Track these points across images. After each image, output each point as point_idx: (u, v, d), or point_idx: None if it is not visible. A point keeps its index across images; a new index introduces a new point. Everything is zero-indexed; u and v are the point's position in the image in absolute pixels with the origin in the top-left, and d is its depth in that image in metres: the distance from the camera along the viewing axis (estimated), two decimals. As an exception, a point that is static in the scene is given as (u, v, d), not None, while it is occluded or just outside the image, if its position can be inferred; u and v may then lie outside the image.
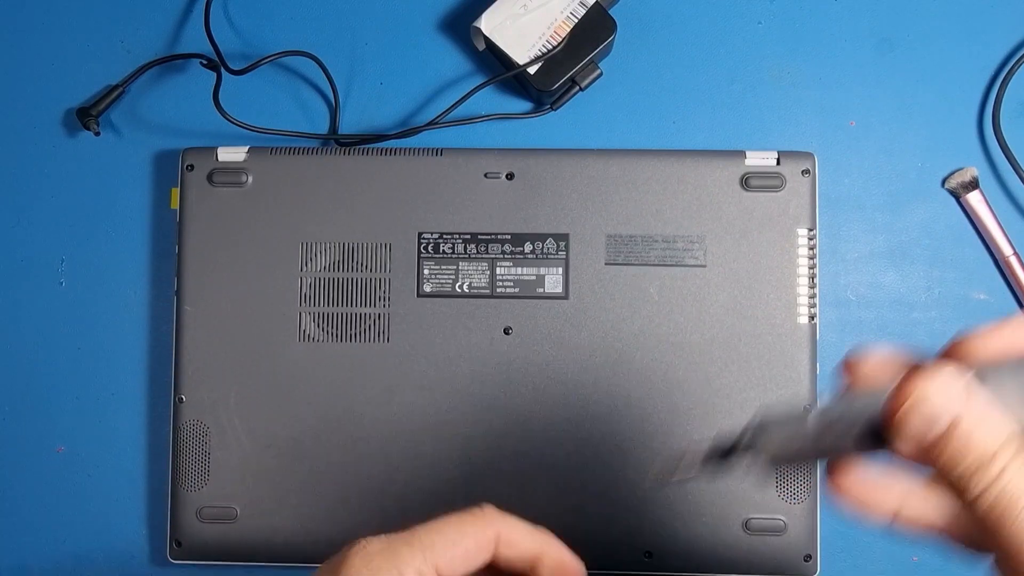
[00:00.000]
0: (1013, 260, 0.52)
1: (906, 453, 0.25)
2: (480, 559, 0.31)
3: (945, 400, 0.24)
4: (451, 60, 0.55)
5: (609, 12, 0.52)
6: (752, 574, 0.50)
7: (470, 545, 0.31)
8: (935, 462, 0.25)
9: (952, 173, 0.53)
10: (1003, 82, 0.53)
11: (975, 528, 0.26)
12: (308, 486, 0.50)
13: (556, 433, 0.50)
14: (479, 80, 0.54)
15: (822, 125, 0.54)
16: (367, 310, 0.51)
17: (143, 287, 0.54)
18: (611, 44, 0.53)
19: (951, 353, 0.27)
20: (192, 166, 0.51)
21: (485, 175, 0.51)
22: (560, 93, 0.53)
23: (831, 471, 0.29)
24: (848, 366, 0.29)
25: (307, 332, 0.51)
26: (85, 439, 0.54)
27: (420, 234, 0.51)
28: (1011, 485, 0.24)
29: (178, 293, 0.51)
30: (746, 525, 0.49)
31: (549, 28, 0.52)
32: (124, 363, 0.54)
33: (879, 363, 0.28)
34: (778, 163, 0.51)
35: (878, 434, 0.26)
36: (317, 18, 0.55)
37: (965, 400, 0.24)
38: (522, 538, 0.32)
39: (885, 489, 0.28)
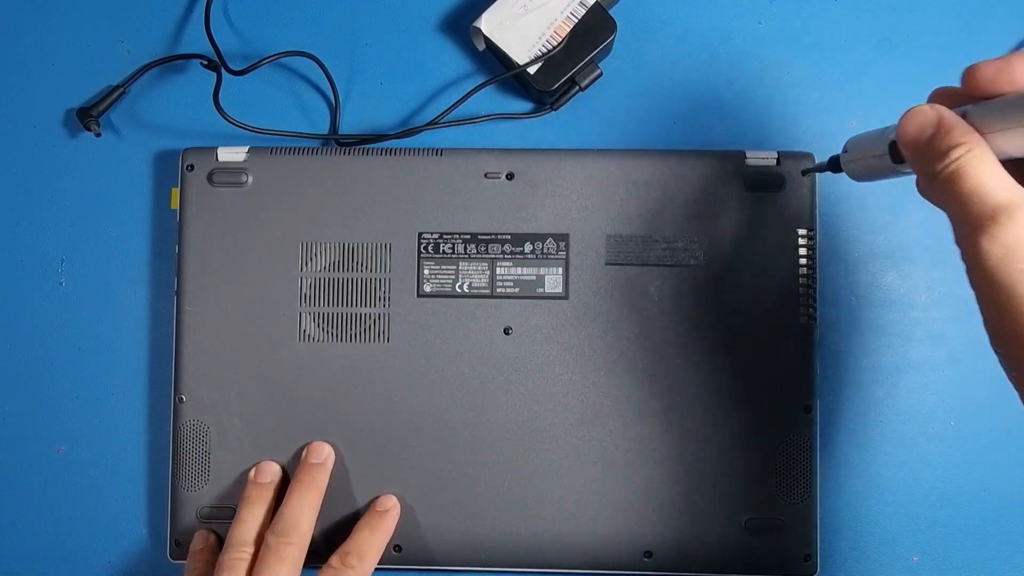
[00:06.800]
0: (1013, 260, 0.52)
1: (906, 156, 0.36)
2: None
3: (932, 113, 0.35)
4: (451, 60, 0.55)
5: (609, 12, 0.52)
6: (752, 574, 0.50)
7: None
8: (923, 158, 0.35)
9: (952, 173, 0.53)
10: (1003, 82, 0.53)
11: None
12: (308, 486, 0.50)
13: (556, 433, 0.50)
14: (479, 80, 0.54)
15: (822, 125, 0.54)
16: (367, 310, 0.51)
17: (143, 287, 0.54)
18: (611, 44, 0.53)
19: (962, 79, 0.36)
20: (192, 166, 0.51)
21: (485, 175, 0.51)
22: (560, 93, 0.53)
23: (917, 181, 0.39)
24: (930, 97, 0.38)
25: (307, 332, 0.51)
26: (85, 439, 0.54)
27: (420, 234, 0.51)
28: (969, 162, 0.33)
29: (178, 293, 0.51)
30: (746, 525, 0.49)
31: (549, 28, 0.52)
32: (124, 363, 0.54)
33: (947, 94, 0.37)
34: (778, 163, 0.51)
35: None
36: (317, 18, 0.55)
37: (947, 114, 0.35)
38: None
39: None
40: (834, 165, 0.44)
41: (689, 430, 0.50)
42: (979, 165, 0.33)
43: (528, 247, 0.51)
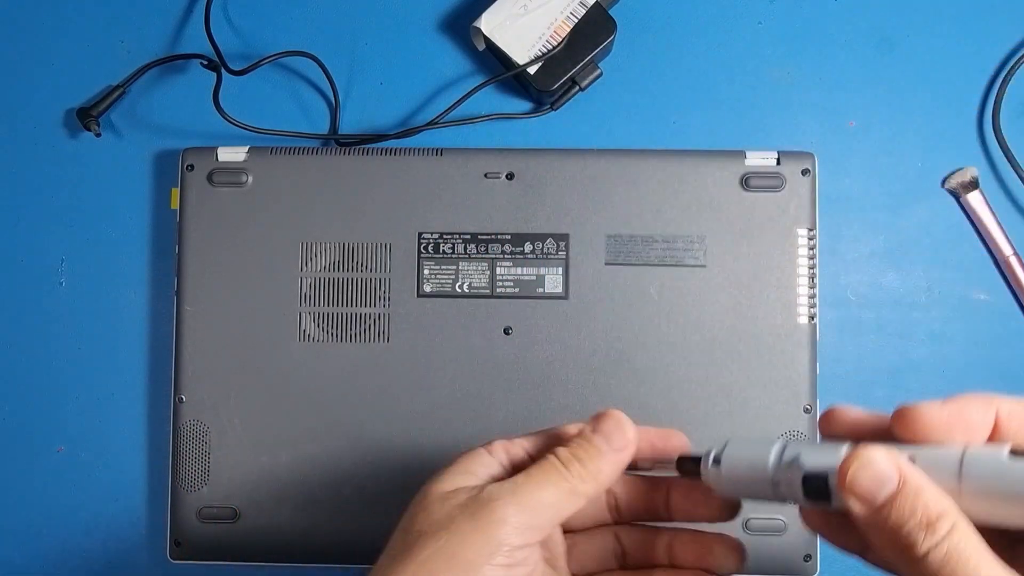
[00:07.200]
0: (1013, 260, 0.52)
1: (856, 510, 0.28)
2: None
3: (892, 465, 0.27)
4: (451, 60, 0.55)
5: (609, 12, 0.52)
6: (752, 574, 0.49)
7: (526, 442, 0.36)
8: (884, 520, 0.27)
9: (952, 173, 0.53)
10: (1003, 82, 0.53)
11: None
12: (308, 486, 0.50)
13: (556, 433, 0.50)
14: (479, 80, 0.54)
15: (822, 125, 0.54)
16: (367, 310, 0.51)
17: (143, 287, 0.54)
18: (611, 44, 0.53)
19: (895, 421, 0.29)
20: (192, 166, 0.51)
21: (485, 175, 0.51)
22: (560, 93, 0.53)
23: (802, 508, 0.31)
24: (824, 418, 0.32)
25: (307, 332, 0.51)
26: (85, 439, 0.54)
27: (420, 234, 0.51)
28: (961, 543, 0.26)
29: (178, 293, 0.51)
30: (746, 525, 0.49)
31: (549, 28, 0.52)
32: (124, 363, 0.54)
33: (852, 420, 0.31)
34: (778, 163, 0.51)
35: (824, 489, 0.29)
36: (317, 18, 0.55)
37: (909, 467, 0.27)
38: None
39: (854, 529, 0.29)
40: (686, 468, 0.34)
41: (689, 430, 0.50)
42: (974, 550, 0.26)
43: (528, 247, 0.51)
